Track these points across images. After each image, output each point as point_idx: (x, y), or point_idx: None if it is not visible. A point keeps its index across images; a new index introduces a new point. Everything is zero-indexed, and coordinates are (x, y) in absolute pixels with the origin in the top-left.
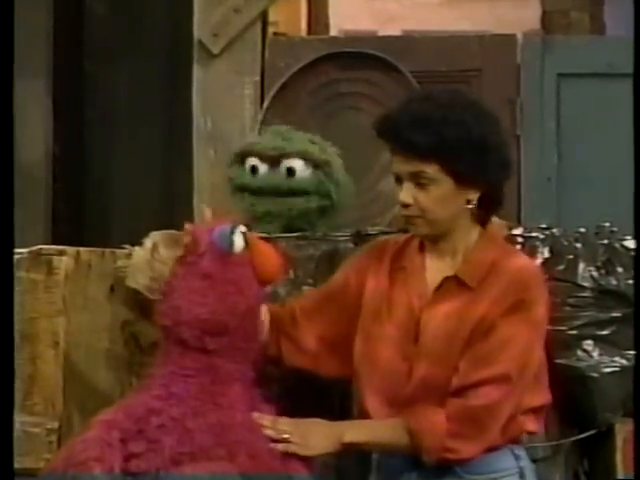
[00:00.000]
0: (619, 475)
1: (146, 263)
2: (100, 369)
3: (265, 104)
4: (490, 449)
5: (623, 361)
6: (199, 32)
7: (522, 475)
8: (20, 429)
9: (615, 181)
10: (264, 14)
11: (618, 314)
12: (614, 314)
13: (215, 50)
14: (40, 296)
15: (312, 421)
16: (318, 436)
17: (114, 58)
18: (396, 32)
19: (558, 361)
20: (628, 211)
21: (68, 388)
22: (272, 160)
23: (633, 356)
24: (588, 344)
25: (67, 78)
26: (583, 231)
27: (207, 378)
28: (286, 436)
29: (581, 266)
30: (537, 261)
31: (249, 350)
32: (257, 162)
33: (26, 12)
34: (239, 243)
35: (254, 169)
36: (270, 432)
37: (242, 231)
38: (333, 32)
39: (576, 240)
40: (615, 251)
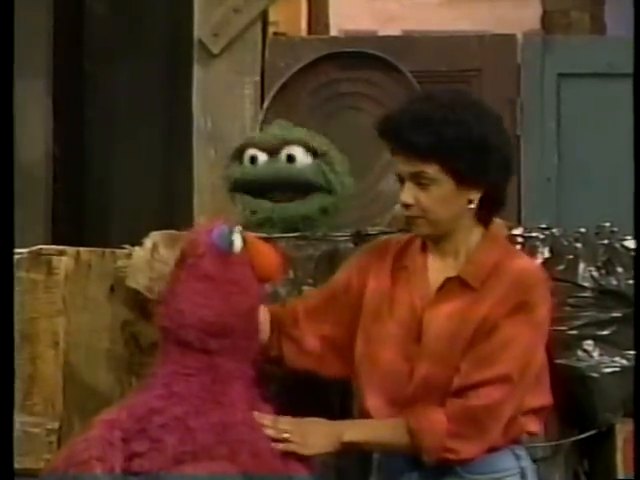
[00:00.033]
0: (619, 475)
1: (146, 263)
2: (100, 369)
3: (265, 104)
4: (491, 449)
5: (623, 361)
6: (199, 32)
7: (523, 475)
8: (20, 429)
9: (615, 181)
10: (264, 14)
11: (618, 314)
12: (614, 314)
13: (215, 50)
14: (40, 296)
15: (312, 420)
16: (318, 435)
17: (114, 58)
18: (396, 32)
19: (558, 361)
20: (628, 211)
21: (68, 388)
22: (272, 149)
23: (633, 356)
24: (588, 344)
25: (67, 78)
26: (583, 231)
27: (208, 377)
28: (286, 435)
29: (581, 266)
30: (537, 261)
31: (249, 349)
32: (256, 152)
33: (26, 12)
34: (238, 242)
35: (253, 159)
36: (270, 431)
37: (239, 230)
38: (333, 32)
39: (576, 240)
40: (615, 251)
